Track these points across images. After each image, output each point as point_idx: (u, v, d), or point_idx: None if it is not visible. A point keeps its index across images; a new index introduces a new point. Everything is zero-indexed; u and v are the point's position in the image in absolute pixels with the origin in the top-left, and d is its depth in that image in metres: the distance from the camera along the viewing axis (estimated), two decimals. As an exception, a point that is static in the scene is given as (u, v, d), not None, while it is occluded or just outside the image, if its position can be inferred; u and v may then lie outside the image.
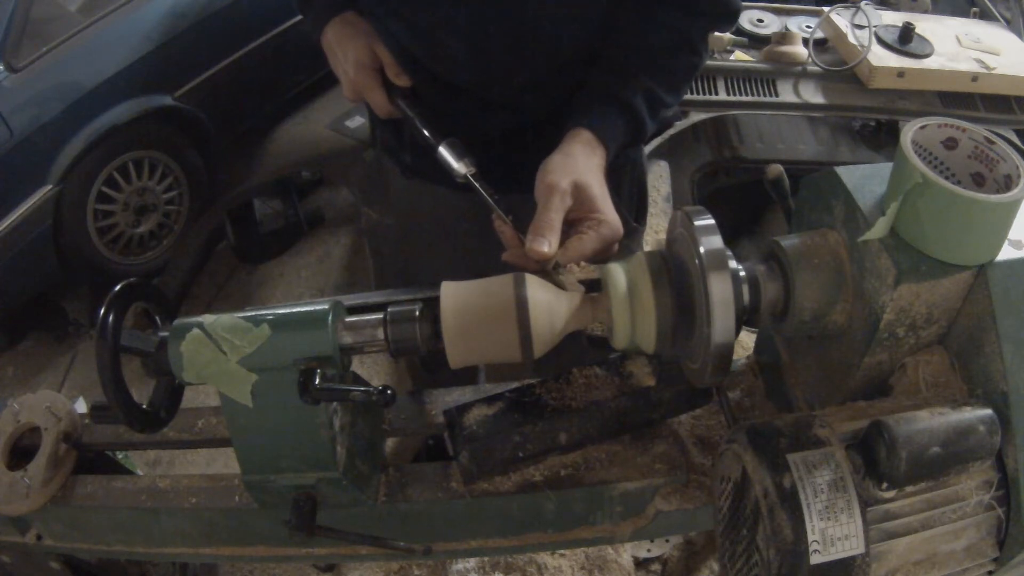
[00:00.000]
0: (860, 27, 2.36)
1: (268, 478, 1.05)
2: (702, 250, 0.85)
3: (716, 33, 2.38)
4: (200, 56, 3.46)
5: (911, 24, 2.31)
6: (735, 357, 0.98)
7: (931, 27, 2.40)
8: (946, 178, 0.82)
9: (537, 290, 0.94)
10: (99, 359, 0.93)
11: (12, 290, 3.14)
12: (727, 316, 0.84)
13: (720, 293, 0.84)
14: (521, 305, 0.92)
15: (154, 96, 3.27)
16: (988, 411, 0.83)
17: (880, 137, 2.63)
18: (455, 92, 1.34)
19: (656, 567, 2.35)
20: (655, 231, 1.96)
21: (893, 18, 2.42)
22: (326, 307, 0.96)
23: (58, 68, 2.99)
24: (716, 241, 0.86)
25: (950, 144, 0.90)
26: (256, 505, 1.12)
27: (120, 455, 1.68)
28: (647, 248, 1.73)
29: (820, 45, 2.39)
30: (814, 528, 0.78)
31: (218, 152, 3.64)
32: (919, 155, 0.85)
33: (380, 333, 0.96)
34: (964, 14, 2.61)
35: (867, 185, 0.92)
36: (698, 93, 2.28)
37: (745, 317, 0.94)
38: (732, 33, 2.45)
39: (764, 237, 1.28)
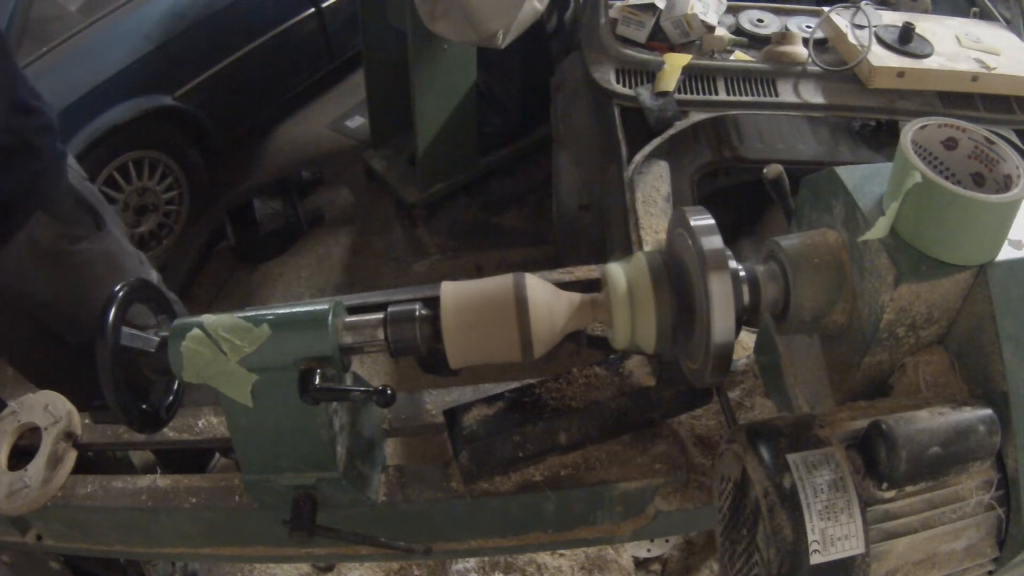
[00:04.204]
0: (860, 27, 2.35)
1: (268, 478, 1.05)
2: (702, 250, 0.85)
3: (716, 33, 2.38)
4: (200, 56, 3.45)
5: (911, 24, 2.31)
6: (735, 357, 0.98)
7: (931, 27, 2.40)
8: (946, 178, 0.82)
9: (537, 290, 0.93)
10: (99, 359, 0.93)
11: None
12: (727, 316, 0.84)
13: (720, 293, 0.84)
14: (521, 305, 0.91)
15: (154, 96, 3.26)
16: (988, 411, 0.83)
17: (880, 137, 2.62)
18: None
19: (656, 567, 2.35)
20: (655, 231, 1.95)
21: (893, 18, 2.42)
22: (326, 307, 0.96)
23: (58, 68, 2.98)
24: (716, 241, 0.86)
25: (950, 144, 0.90)
26: (256, 505, 1.12)
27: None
28: (647, 248, 1.73)
29: (820, 45, 2.39)
30: (814, 528, 0.78)
31: (218, 152, 3.64)
32: (919, 155, 0.85)
33: (380, 333, 0.96)
34: (964, 14, 2.60)
35: (867, 185, 0.92)
36: (698, 93, 2.28)
37: (745, 317, 0.94)
38: (732, 33, 2.44)
39: (764, 237, 1.28)
